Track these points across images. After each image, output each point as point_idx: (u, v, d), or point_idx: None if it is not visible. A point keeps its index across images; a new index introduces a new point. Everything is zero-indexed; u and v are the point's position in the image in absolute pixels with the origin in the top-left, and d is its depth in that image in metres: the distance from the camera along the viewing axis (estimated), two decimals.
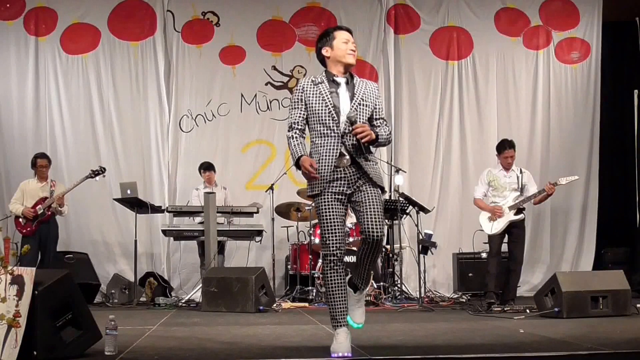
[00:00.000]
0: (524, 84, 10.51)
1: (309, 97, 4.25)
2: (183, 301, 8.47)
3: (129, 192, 8.63)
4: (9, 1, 9.83)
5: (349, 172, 4.17)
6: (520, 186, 7.79)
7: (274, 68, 10.26)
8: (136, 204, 8.73)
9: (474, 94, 10.43)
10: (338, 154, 4.15)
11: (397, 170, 8.80)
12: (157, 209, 8.87)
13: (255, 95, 10.21)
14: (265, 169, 10.06)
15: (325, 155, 4.16)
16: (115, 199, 9.07)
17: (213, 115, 10.14)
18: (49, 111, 9.85)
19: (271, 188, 9.03)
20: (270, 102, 10.23)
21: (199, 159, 9.87)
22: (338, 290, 4.19)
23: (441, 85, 10.42)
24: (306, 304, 8.09)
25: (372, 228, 4.12)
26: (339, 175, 4.17)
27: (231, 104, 10.18)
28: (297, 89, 4.36)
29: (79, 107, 9.94)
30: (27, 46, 9.86)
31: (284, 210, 9.13)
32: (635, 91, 10.16)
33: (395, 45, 10.33)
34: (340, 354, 4.07)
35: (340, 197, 4.18)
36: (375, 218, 4.13)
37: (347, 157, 4.16)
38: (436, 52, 10.44)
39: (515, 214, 7.70)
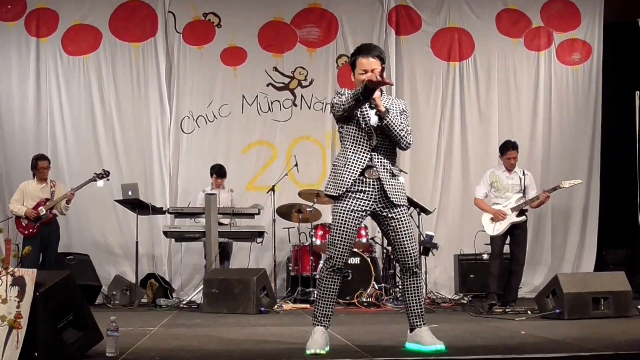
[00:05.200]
0: (525, 85, 10.50)
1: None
2: (184, 302, 8.45)
3: (130, 193, 8.61)
4: (10, 2, 9.83)
5: (373, 187, 4.39)
6: (522, 188, 7.79)
7: (275, 69, 10.26)
8: (137, 205, 8.71)
9: (475, 95, 10.42)
10: (365, 165, 4.36)
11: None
12: (159, 210, 8.84)
13: (257, 96, 10.20)
14: (267, 170, 10.05)
15: (353, 163, 4.37)
16: (116, 200, 9.05)
17: (214, 116, 10.14)
18: (50, 112, 9.84)
19: (272, 189, 9.05)
20: (272, 103, 10.23)
21: (200, 160, 9.89)
22: (328, 294, 4.43)
23: (442, 86, 10.41)
24: (307, 305, 8.08)
25: (408, 259, 4.44)
26: (361, 188, 4.38)
27: (232, 105, 10.17)
28: (337, 92, 4.51)
29: (80, 108, 9.93)
30: (28, 47, 9.85)
31: (285, 212, 9.13)
32: (637, 92, 10.14)
33: (396, 46, 10.32)
34: (313, 350, 4.28)
35: (359, 213, 4.39)
36: (410, 249, 4.43)
37: (375, 169, 4.37)
38: (437, 53, 10.43)
39: (518, 215, 7.71)
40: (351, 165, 4.37)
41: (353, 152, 4.39)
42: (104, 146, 9.90)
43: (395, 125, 4.33)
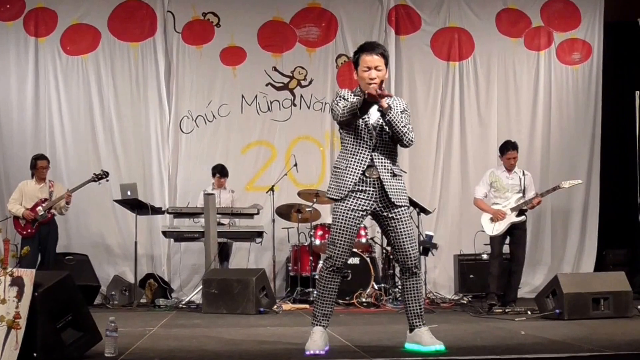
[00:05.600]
0: (525, 85, 10.48)
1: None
2: (183, 303, 8.44)
3: (129, 193, 8.60)
4: (9, 2, 9.81)
5: (374, 187, 4.37)
6: (522, 188, 7.78)
7: (275, 69, 10.24)
8: (136, 206, 8.70)
9: (475, 94, 10.40)
10: (366, 165, 4.35)
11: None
12: (158, 210, 8.83)
13: (256, 96, 10.18)
14: (266, 170, 10.03)
15: (354, 164, 4.37)
16: (115, 200, 9.04)
17: (213, 116, 10.12)
18: (49, 112, 9.81)
19: (272, 189, 9.03)
20: (271, 103, 10.20)
21: (200, 160, 9.87)
22: (328, 293, 4.43)
23: (442, 86, 10.38)
24: (307, 306, 8.05)
25: (408, 259, 4.43)
26: (362, 188, 4.37)
27: (231, 104, 10.14)
28: (337, 95, 4.50)
29: (79, 109, 9.91)
30: (26, 47, 9.82)
31: (285, 212, 9.12)
32: (637, 92, 10.06)
33: (396, 46, 10.26)
34: (312, 352, 4.26)
35: (359, 213, 4.37)
36: (409, 249, 4.42)
37: (375, 168, 4.36)
38: (437, 53, 10.41)
39: (517, 215, 7.70)
40: (352, 168, 4.37)
41: (353, 154, 4.39)
42: (102, 146, 9.87)
43: (398, 122, 4.33)
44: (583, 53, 10.57)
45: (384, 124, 4.36)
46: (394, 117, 4.31)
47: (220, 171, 9.18)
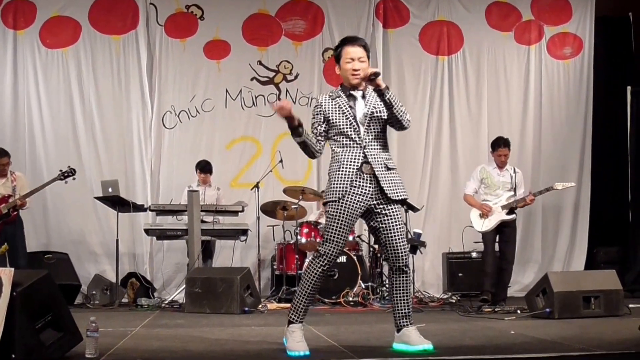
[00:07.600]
0: (516, 79, 10.44)
1: (328, 111, 4.42)
2: (166, 302, 8.35)
3: (110, 190, 8.51)
4: None
5: (370, 183, 4.36)
6: (513, 186, 7.72)
7: (260, 63, 10.13)
8: (118, 203, 8.60)
9: (464, 89, 10.35)
10: (360, 163, 4.34)
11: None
12: (140, 208, 8.74)
13: (241, 90, 10.08)
14: (251, 167, 9.94)
15: (347, 164, 4.36)
16: (96, 198, 8.92)
17: (197, 111, 10.01)
18: (28, 107, 9.65)
19: (257, 186, 8.97)
20: (256, 98, 10.10)
21: (183, 156, 9.79)
22: (314, 290, 4.40)
23: (431, 80, 10.31)
24: None
25: (398, 258, 4.40)
26: (358, 184, 4.35)
27: (216, 99, 10.04)
28: (315, 106, 4.51)
29: (59, 103, 9.76)
30: (5, 40, 9.65)
31: (270, 209, 9.05)
32: (628, 87, 10.16)
33: (384, 40, 10.20)
34: (297, 353, 4.23)
35: (356, 210, 4.34)
36: (401, 247, 4.40)
37: (370, 165, 4.35)
38: (426, 47, 10.34)
39: (508, 213, 7.64)
40: (345, 167, 4.37)
41: (344, 156, 4.39)
42: (83, 142, 9.73)
43: (397, 102, 4.37)
44: (574, 47, 10.54)
45: (376, 112, 4.40)
46: (393, 97, 4.34)
47: (202, 168, 9.09)
